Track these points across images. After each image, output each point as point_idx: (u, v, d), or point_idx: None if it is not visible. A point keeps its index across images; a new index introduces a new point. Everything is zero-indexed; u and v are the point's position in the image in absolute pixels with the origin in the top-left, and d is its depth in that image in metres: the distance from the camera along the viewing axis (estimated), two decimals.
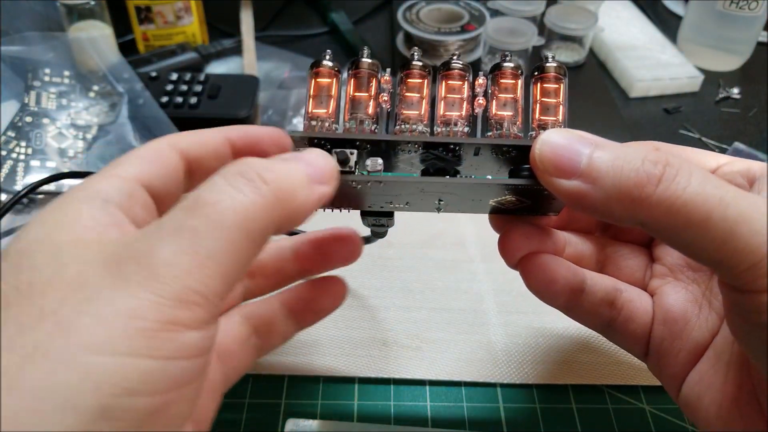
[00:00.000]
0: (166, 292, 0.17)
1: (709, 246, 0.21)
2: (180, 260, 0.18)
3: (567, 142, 0.23)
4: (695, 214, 0.21)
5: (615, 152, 0.22)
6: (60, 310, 0.17)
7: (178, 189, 0.26)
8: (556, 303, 0.29)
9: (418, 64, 0.26)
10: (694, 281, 0.29)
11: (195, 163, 0.26)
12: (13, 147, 0.48)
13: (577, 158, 0.23)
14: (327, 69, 0.26)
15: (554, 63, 0.26)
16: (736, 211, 0.20)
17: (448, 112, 0.26)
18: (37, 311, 0.17)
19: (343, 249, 0.31)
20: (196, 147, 0.26)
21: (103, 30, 0.61)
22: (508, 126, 0.26)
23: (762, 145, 0.58)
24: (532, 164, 0.24)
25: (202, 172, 0.27)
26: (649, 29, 0.72)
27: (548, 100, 0.26)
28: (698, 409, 0.26)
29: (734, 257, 0.20)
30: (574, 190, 0.23)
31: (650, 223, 0.22)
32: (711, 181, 0.21)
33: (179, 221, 0.19)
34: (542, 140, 0.24)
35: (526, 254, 0.28)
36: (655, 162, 0.22)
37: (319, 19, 0.77)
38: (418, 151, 0.26)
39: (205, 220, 0.18)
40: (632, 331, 0.29)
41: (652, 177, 0.21)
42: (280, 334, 0.30)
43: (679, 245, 0.22)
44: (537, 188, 0.25)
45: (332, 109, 0.26)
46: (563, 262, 0.28)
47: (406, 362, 0.38)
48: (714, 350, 0.27)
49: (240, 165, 0.21)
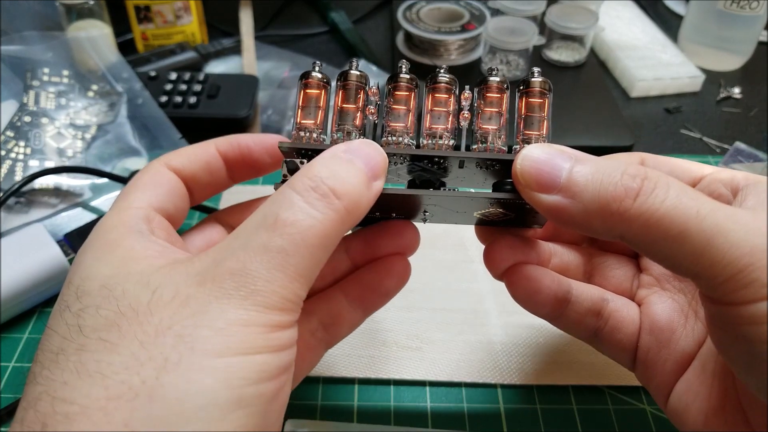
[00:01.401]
0: (267, 304, 0.20)
1: (687, 258, 0.21)
2: (274, 276, 0.21)
3: (547, 157, 0.23)
4: (672, 227, 0.21)
5: (594, 166, 0.23)
6: (175, 326, 0.20)
7: (185, 205, 0.28)
8: (542, 312, 0.29)
9: (406, 77, 0.26)
10: (680, 291, 0.29)
11: (190, 180, 0.28)
12: (11, 147, 0.48)
13: (558, 173, 0.23)
14: (316, 80, 0.26)
15: (539, 78, 0.26)
16: (712, 223, 0.20)
17: (434, 125, 0.26)
18: (153, 329, 0.20)
19: (396, 243, 0.30)
20: (189, 164, 0.28)
21: (103, 29, 0.61)
22: (492, 139, 0.26)
23: (763, 145, 0.58)
24: (514, 179, 0.24)
25: (199, 187, 0.28)
26: (649, 29, 0.72)
27: (533, 115, 0.26)
28: (686, 419, 0.26)
29: (711, 269, 0.20)
30: (555, 204, 0.23)
31: (629, 236, 0.22)
32: (688, 194, 0.21)
33: (265, 241, 0.21)
34: (523, 155, 0.24)
35: (511, 265, 0.29)
36: (634, 176, 0.22)
37: (319, 19, 0.77)
38: (404, 162, 0.26)
39: (289, 239, 0.21)
40: (619, 341, 0.29)
41: (630, 191, 0.21)
42: (347, 323, 0.30)
43: (658, 258, 0.22)
44: (519, 202, 0.25)
45: (320, 120, 0.26)
46: (548, 272, 0.28)
47: (406, 362, 0.38)
48: (700, 360, 0.27)
49: (310, 177, 0.22)
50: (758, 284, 0.20)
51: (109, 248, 0.23)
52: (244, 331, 0.20)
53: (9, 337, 0.40)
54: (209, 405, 0.19)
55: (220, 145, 0.29)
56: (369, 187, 0.23)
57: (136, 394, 0.19)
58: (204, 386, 0.19)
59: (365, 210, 0.23)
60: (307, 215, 0.21)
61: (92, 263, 0.22)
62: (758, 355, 0.20)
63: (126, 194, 0.26)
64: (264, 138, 0.29)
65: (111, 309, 0.20)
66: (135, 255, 0.22)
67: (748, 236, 0.20)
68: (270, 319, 0.20)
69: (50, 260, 0.40)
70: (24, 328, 0.40)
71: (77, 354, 0.20)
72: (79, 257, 0.23)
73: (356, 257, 0.30)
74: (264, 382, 0.20)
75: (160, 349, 0.19)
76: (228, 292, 0.20)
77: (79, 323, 0.21)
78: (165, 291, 0.21)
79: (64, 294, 0.22)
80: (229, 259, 0.21)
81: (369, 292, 0.30)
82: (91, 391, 0.19)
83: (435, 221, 0.30)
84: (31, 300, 0.40)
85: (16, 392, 0.36)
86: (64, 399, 0.19)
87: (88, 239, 0.24)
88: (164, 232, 0.25)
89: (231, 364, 0.19)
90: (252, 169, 0.29)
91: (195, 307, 0.20)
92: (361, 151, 0.24)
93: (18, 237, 0.41)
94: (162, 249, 0.23)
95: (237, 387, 0.19)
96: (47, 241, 0.41)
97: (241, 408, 0.19)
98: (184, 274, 0.21)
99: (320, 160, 0.23)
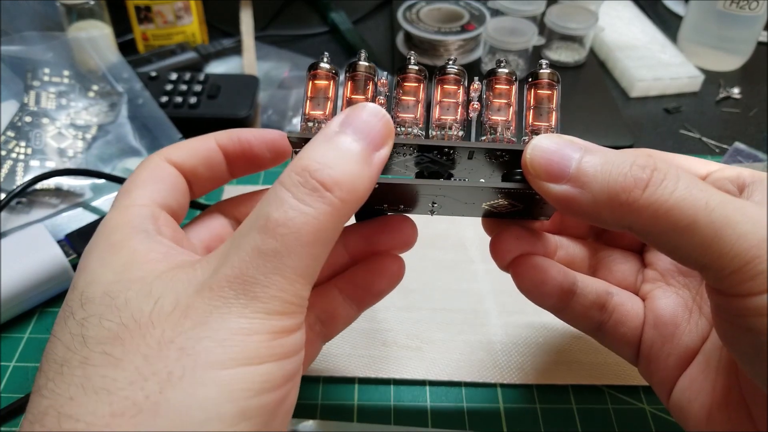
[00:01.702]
0: (269, 310, 0.20)
1: (695, 249, 0.21)
2: (272, 281, 0.20)
3: (557, 147, 0.23)
4: (681, 218, 0.21)
5: (604, 157, 0.23)
6: (177, 338, 0.19)
7: (186, 200, 0.28)
8: (547, 304, 0.29)
9: (415, 68, 0.26)
10: (685, 286, 0.29)
11: (190, 174, 0.28)
12: (12, 147, 0.48)
13: (567, 163, 0.23)
14: (324, 71, 0.26)
15: (548, 70, 0.26)
16: (721, 215, 0.21)
17: (443, 116, 0.26)
18: (155, 342, 0.19)
19: (394, 239, 0.30)
20: (188, 158, 0.27)
21: (103, 30, 0.61)
22: (501, 131, 0.26)
23: (762, 145, 0.58)
24: (524, 168, 0.24)
25: (198, 182, 0.28)
26: (649, 29, 0.72)
27: (541, 106, 0.26)
28: (688, 414, 0.26)
29: (719, 261, 0.21)
30: (564, 194, 0.23)
31: (637, 226, 0.22)
32: (697, 185, 0.21)
33: (258, 244, 0.20)
34: (533, 145, 0.24)
35: (517, 256, 0.29)
36: (643, 166, 0.22)
37: (319, 19, 0.77)
38: (412, 154, 0.26)
39: (282, 240, 0.20)
40: (623, 335, 0.29)
41: (639, 181, 0.21)
42: (342, 318, 0.30)
43: (665, 249, 0.22)
44: (528, 192, 0.25)
45: (329, 111, 0.26)
46: (554, 263, 0.29)
47: (406, 362, 0.38)
48: (704, 355, 0.27)
49: (297, 172, 0.21)
50: (765, 276, 0.20)
51: (112, 250, 0.23)
52: (247, 341, 0.20)
53: (9, 337, 0.40)
54: (213, 419, 0.19)
55: (220, 140, 0.28)
56: (369, 163, 0.22)
57: (140, 410, 0.19)
58: (207, 400, 0.19)
59: (366, 191, 0.22)
60: (298, 212, 0.20)
61: (96, 267, 0.22)
62: (763, 347, 0.20)
63: (128, 191, 0.25)
64: (264, 133, 0.29)
65: (114, 320, 0.20)
66: (137, 259, 0.22)
67: (756, 229, 0.20)
68: (273, 326, 0.20)
69: (51, 260, 0.40)
70: (24, 328, 0.40)
71: (82, 368, 0.20)
72: (84, 260, 0.23)
73: (354, 252, 0.30)
74: (267, 392, 0.20)
75: (164, 363, 0.19)
76: (228, 300, 0.20)
77: (82, 333, 0.20)
78: (166, 301, 0.20)
79: (69, 299, 0.22)
80: (225, 265, 0.20)
81: (362, 291, 0.30)
82: (97, 408, 0.19)
83: (442, 213, 0.29)
84: (32, 300, 0.40)
85: (16, 392, 0.36)
86: (70, 415, 0.19)
87: (93, 240, 0.24)
88: (170, 230, 0.25)
89: (234, 375, 0.19)
90: (252, 164, 0.29)
91: (196, 318, 0.20)
92: (358, 120, 0.22)
93: (19, 237, 0.41)
94: (166, 251, 0.23)
95: (241, 399, 0.19)
96: (48, 242, 0.41)
97: (245, 420, 0.19)
98: (185, 282, 0.21)
99: (310, 147, 0.22)
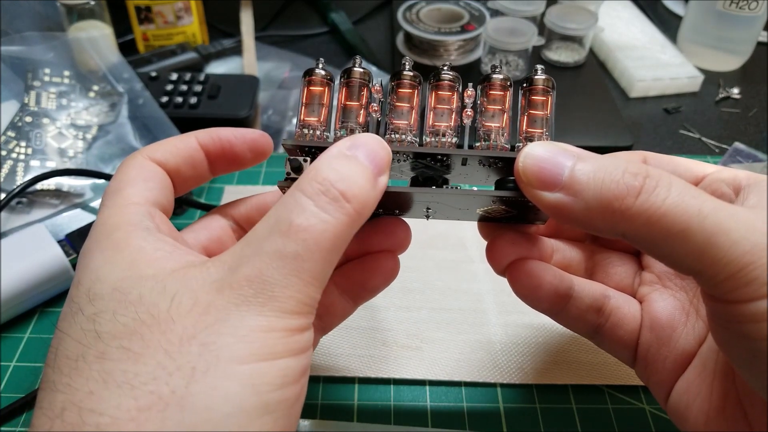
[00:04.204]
0: (285, 309, 0.21)
1: (689, 256, 0.21)
2: (290, 282, 0.21)
3: (550, 155, 0.23)
4: (674, 225, 0.21)
5: (596, 164, 0.23)
6: (199, 334, 0.20)
7: (173, 198, 0.28)
8: (543, 308, 0.29)
9: (409, 74, 0.26)
10: (682, 289, 0.29)
11: (174, 173, 0.28)
12: (13, 147, 0.48)
13: (560, 171, 0.23)
14: (319, 77, 0.26)
15: (543, 76, 0.26)
16: (714, 222, 0.21)
17: (437, 123, 0.26)
18: (176, 338, 0.20)
19: (387, 242, 0.30)
20: (171, 157, 0.27)
21: (103, 30, 0.61)
22: (495, 137, 0.26)
23: (762, 145, 0.58)
24: (516, 177, 0.24)
25: (180, 180, 0.28)
26: (649, 29, 0.72)
27: (535, 112, 0.26)
28: (686, 417, 0.26)
29: (713, 267, 0.21)
30: (557, 202, 0.23)
31: (631, 234, 0.22)
32: (690, 192, 0.21)
33: (279, 247, 0.21)
34: (525, 153, 0.24)
35: (513, 260, 0.29)
36: (635, 174, 0.22)
37: (319, 19, 0.77)
38: (407, 159, 0.26)
39: (303, 245, 0.21)
40: (620, 338, 0.29)
41: (631, 189, 0.21)
42: (339, 312, 0.30)
43: (659, 255, 0.23)
44: (521, 200, 0.25)
45: (324, 117, 0.26)
46: (549, 267, 0.29)
47: (406, 362, 0.38)
48: (701, 358, 0.27)
49: (319, 181, 0.22)
50: (759, 282, 0.20)
51: (116, 248, 0.23)
52: (266, 337, 0.20)
53: (10, 337, 0.40)
54: (237, 412, 0.19)
55: (201, 138, 0.28)
56: (375, 185, 0.23)
57: (167, 404, 0.19)
58: (232, 394, 0.19)
59: (372, 208, 0.23)
60: (319, 220, 0.21)
61: (102, 264, 0.22)
62: (759, 353, 0.20)
63: (118, 190, 0.25)
64: (245, 132, 0.29)
65: (129, 315, 0.20)
66: (145, 256, 0.22)
67: (749, 235, 0.20)
68: (289, 324, 0.21)
69: (51, 260, 0.40)
70: (25, 328, 0.40)
71: (99, 362, 0.20)
72: (85, 257, 0.23)
73: (349, 252, 0.30)
74: (287, 386, 0.21)
75: (187, 358, 0.19)
76: (247, 299, 0.21)
77: (96, 329, 0.20)
78: (184, 298, 0.21)
79: (74, 295, 0.22)
80: (245, 265, 0.21)
81: (358, 286, 0.30)
82: (121, 402, 0.19)
83: (438, 218, 0.30)
84: (32, 300, 0.41)
85: (17, 392, 0.36)
86: (92, 410, 0.19)
87: (92, 239, 0.23)
88: (167, 227, 0.25)
89: (256, 370, 0.20)
90: (233, 163, 0.29)
91: (216, 314, 0.20)
92: (366, 146, 0.23)
93: (19, 237, 0.41)
94: (171, 248, 0.23)
95: (263, 393, 0.20)
96: (48, 242, 0.41)
97: (267, 413, 0.20)
98: (200, 280, 0.21)
99: (327, 161, 0.23)
